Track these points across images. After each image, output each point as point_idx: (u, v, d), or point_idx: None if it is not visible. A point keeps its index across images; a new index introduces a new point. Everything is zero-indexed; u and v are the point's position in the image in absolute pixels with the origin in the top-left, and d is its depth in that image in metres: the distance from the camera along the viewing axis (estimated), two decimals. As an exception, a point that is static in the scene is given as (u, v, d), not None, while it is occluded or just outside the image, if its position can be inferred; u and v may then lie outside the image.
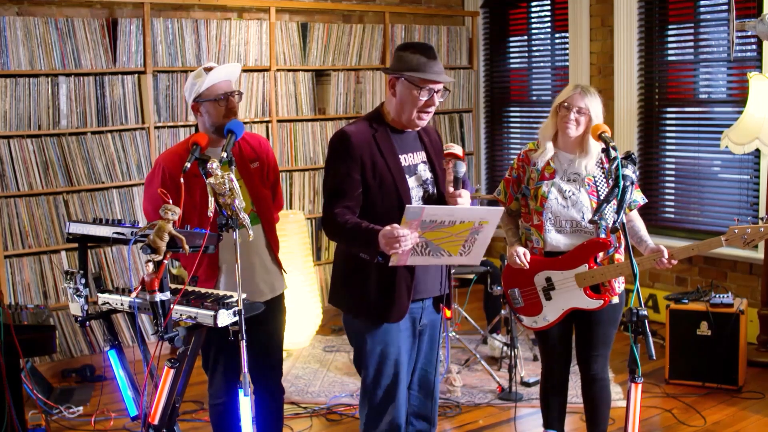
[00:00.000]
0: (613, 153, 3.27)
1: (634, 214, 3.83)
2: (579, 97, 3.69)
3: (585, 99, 3.68)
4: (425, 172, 3.35)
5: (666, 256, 3.60)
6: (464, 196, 3.29)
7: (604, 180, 3.70)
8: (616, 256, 3.72)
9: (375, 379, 3.34)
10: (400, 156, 3.29)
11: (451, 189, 3.32)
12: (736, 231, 3.54)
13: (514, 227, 3.96)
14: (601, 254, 3.70)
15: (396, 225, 2.99)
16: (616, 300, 3.76)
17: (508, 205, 3.96)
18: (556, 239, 3.77)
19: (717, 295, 5.26)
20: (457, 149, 5.93)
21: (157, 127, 5.98)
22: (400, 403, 3.37)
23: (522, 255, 3.78)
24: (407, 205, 3.04)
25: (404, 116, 3.26)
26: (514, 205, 3.94)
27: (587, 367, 3.87)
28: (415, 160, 3.33)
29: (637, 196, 3.78)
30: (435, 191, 3.37)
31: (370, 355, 3.31)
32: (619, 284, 3.78)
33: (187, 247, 2.83)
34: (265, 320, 3.64)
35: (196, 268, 3.34)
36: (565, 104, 3.71)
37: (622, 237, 3.21)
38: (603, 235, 3.68)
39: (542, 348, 4.06)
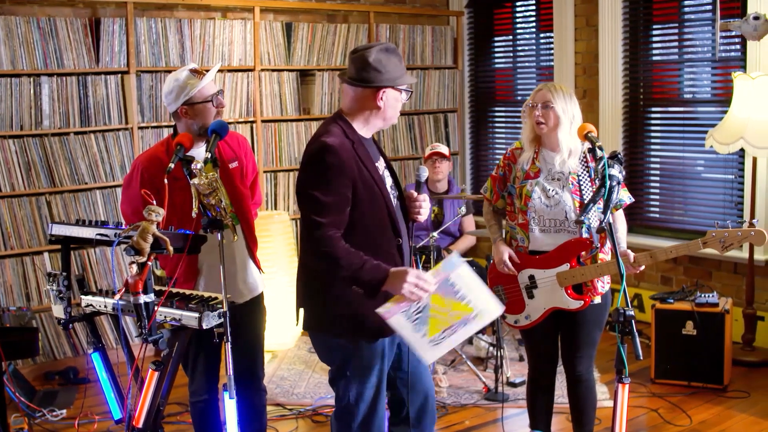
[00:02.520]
0: (599, 153, 3.27)
1: (619, 214, 3.83)
2: (542, 94, 3.72)
3: (548, 94, 3.70)
4: (389, 177, 3.31)
5: (630, 261, 3.60)
6: (426, 200, 3.29)
7: (588, 179, 3.70)
8: (600, 255, 3.71)
9: (359, 395, 3.25)
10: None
11: (415, 193, 3.30)
12: (714, 234, 3.53)
13: (497, 224, 3.98)
14: (584, 254, 3.70)
15: (418, 272, 2.99)
16: (598, 300, 3.74)
17: (494, 203, 3.96)
18: (541, 238, 3.77)
19: (702, 295, 5.27)
20: (443, 149, 5.94)
21: (140, 128, 5.94)
22: (381, 414, 3.33)
23: (508, 261, 3.78)
24: (453, 253, 3.09)
25: (390, 121, 3.25)
26: (500, 203, 3.94)
27: (572, 367, 3.86)
28: (381, 167, 3.27)
29: (623, 195, 3.78)
30: (399, 196, 3.34)
31: (356, 370, 3.22)
32: (603, 284, 3.76)
33: (171, 248, 2.81)
34: (246, 321, 3.63)
35: (175, 269, 3.32)
36: (531, 104, 3.75)
37: (608, 237, 3.20)
38: (586, 235, 3.68)
39: (528, 348, 4.07)
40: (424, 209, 3.25)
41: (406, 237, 3.29)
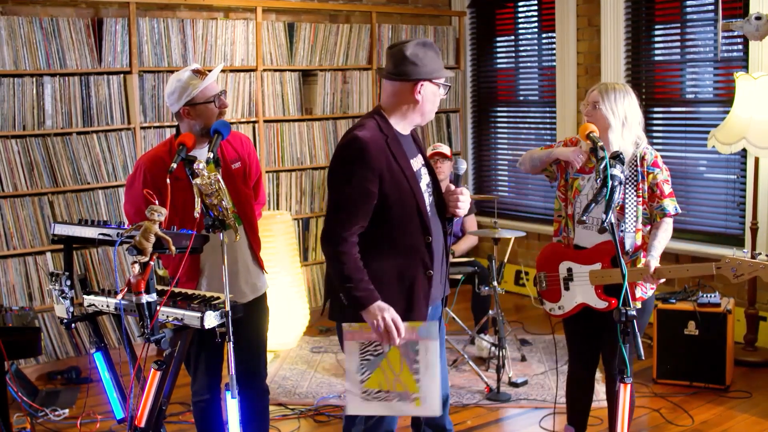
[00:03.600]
0: (601, 153, 3.27)
1: (662, 223, 3.75)
2: (593, 94, 3.72)
3: (597, 95, 3.69)
4: (426, 176, 3.30)
5: (650, 272, 3.59)
6: (465, 194, 3.26)
7: (635, 183, 3.68)
8: (643, 260, 3.70)
9: None
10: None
11: (452, 187, 3.29)
12: (728, 261, 3.52)
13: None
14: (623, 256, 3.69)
15: (396, 317, 3.05)
16: (638, 305, 3.70)
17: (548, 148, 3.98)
18: (581, 234, 3.80)
19: (704, 295, 5.27)
20: (445, 149, 5.94)
21: (143, 128, 5.95)
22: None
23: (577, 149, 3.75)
24: (434, 323, 3.10)
25: (428, 116, 3.25)
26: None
27: (607, 369, 3.89)
28: (417, 164, 3.26)
29: (668, 205, 3.73)
30: (436, 194, 3.33)
31: None
32: (645, 290, 3.75)
33: (173, 248, 2.82)
34: (248, 321, 3.62)
35: (178, 269, 3.32)
36: (585, 102, 3.76)
37: (610, 237, 3.20)
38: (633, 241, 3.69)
39: (567, 345, 4.10)
40: (462, 203, 3.23)
41: (439, 236, 3.28)
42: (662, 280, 3.65)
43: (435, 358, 3.09)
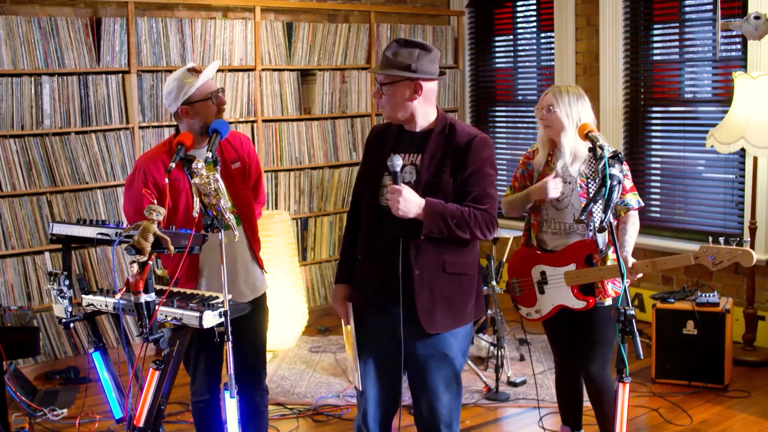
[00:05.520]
0: (599, 153, 3.27)
1: (630, 217, 3.81)
2: (547, 98, 3.76)
3: (552, 98, 3.72)
4: (410, 174, 3.22)
5: (628, 267, 3.61)
6: (395, 192, 3.04)
7: (596, 181, 3.71)
8: (612, 256, 3.71)
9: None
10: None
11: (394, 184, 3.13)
12: (705, 250, 3.53)
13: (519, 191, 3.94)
14: (596, 255, 3.71)
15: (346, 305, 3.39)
16: (608, 302, 3.74)
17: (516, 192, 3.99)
18: (551, 240, 3.81)
19: (703, 294, 5.28)
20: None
21: (141, 127, 5.94)
22: (369, 397, 3.34)
23: (553, 178, 3.73)
24: (352, 308, 3.36)
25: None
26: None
27: (584, 367, 3.90)
28: (405, 161, 3.22)
29: (631, 199, 3.79)
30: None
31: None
32: (618, 286, 3.77)
33: (172, 247, 2.81)
34: (248, 321, 3.62)
35: (177, 269, 3.32)
36: (539, 106, 3.79)
37: (609, 237, 3.21)
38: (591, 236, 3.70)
39: (550, 345, 4.13)
40: (390, 201, 3.06)
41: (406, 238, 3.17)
42: (640, 275, 3.68)
43: (353, 339, 3.33)
